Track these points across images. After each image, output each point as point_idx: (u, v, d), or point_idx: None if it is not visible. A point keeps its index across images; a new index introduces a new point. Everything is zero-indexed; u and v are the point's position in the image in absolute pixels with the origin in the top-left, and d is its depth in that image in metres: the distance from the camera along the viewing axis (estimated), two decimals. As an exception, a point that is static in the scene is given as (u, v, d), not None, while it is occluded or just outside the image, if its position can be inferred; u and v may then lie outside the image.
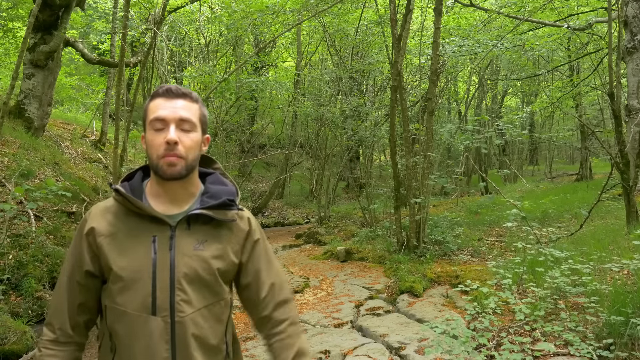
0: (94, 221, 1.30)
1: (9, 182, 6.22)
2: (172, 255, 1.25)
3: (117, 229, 1.28)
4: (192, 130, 1.28)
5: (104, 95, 12.50)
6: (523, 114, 11.47)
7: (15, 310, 4.48)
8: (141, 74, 9.58)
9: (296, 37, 14.90)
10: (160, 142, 1.24)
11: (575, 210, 8.00)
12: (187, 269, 1.25)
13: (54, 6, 8.04)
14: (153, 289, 1.23)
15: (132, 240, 1.26)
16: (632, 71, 6.94)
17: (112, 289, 1.25)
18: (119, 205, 1.31)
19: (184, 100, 1.29)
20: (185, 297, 1.24)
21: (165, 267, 1.24)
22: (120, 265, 1.24)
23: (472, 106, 18.31)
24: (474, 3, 9.19)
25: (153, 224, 1.27)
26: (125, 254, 1.25)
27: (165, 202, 1.31)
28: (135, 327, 1.22)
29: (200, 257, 1.27)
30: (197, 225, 1.30)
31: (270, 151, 17.43)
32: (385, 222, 8.97)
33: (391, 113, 7.24)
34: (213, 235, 1.31)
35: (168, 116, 1.25)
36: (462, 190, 15.01)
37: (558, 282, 3.87)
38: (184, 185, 1.31)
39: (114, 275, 1.24)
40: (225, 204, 1.32)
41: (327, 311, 5.04)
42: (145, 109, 1.31)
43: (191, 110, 1.29)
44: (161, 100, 1.28)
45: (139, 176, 1.37)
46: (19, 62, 5.90)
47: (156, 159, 1.25)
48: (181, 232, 1.28)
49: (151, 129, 1.27)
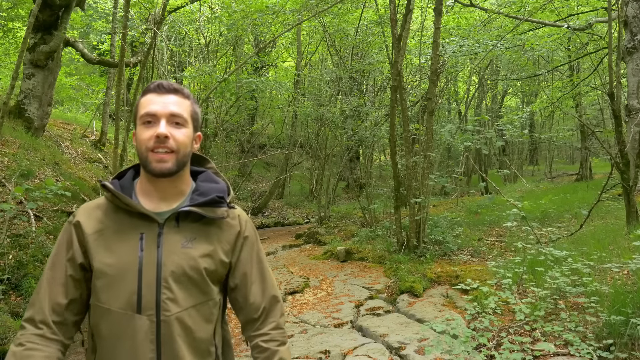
0: (82, 217, 1.28)
1: (9, 182, 6.22)
2: (160, 252, 1.23)
3: (104, 226, 1.26)
4: (183, 126, 1.27)
5: (104, 95, 12.50)
6: (523, 114, 11.47)
7: (15, 310, 4.47)
8: (141, 74, 9.58)
9: (296, 37, 14.91)
10: (150, 136, 1.23)
11: (575, 210, 8.00)
12: (174, 266, 1.23)
13: (54, 6, 8.04)
14: (139, 286, 1.20)
15: (119, 237, 1.24)
16: (632, 71, 6.94)
17: (96, 286, 1.23)
18: (109, 202, 1.30)
19: (176, 96, 1.28)
20: (171, 295, 1.21)
21: (152, 264, 1.22)
22: (106, 262, 1.22)
23: (472, 106, 18.31)
24: (474, 3, 9.18)
25: (141, 221, 1.25)
26: (112, 250, 1.23)
27: (154, 200, 1.29)
28: (119, 326, 1.19)
29: (188, 255, 1.25)
30: (186, 222, 1.28)
31: (270, 151, 17.44)
32: (385, 222, 8.98)
33: (391, 113, 7.24)
34: (202, 233, 1.29)
35: (159, 111, 1.24)
36: (462, 190, 15.01)
37: (558, 282, 3.87)
38: (173, 182, 1.30)
39: (99, 272, 1.22)
40: (214, 201, 1.29)
41: (327, 311, 5.04)
42: (137, 104, 1.30)
43: (182, 106, 1.28)
44: (152, 95, 1.27)
45: (130, 174, 1.35)
46: (19, 62, 5.90)
47: (145, 152, 1.23)
48: (169, 230, 1.26)
49: (141, 123, 1.25)
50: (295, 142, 16.27)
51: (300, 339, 4.18)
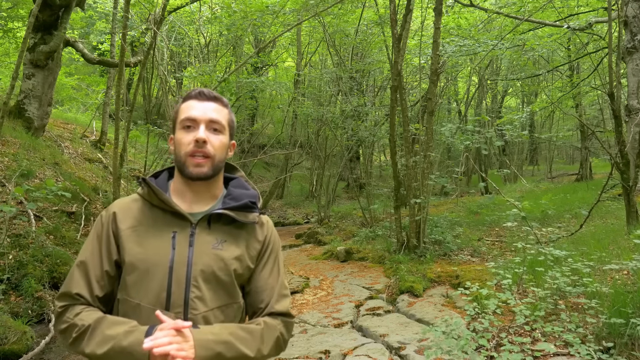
0: (118, 210, 1.32)
1: (9, 182, 6.22)
2: (191, 252, 1.26)
3: (139, 222, 1.29)
4: (221, 132, 1.32)
5: (104, 95, 12.49)
6: (523, 114, 11.46)
7: (15, 310, 4.47)
8: (141, 74, 9.58)
9: (296, 37, 14.89)
10: (190, 140, 1.27)
11: (575, 210, 8.00)
12: (204, 266, 1.26)
13: (54, 6, 8.03)
14: (169, 284, 1.23)
15: (152, 233, 1.28)
16: (632, 71, 6.93)
17: (127, 281, 1.25)
18: (143, 200, 1.33)
19: (215, 104, 1.33)
20: (199, 294, 1.24)
21: (182, 263, 1.25)
22: (138, 257, 1.25)
23: (472, 106, 18.31)
24: (474, 3, 9.18)
25: (175, 220, 1.29)
26: (144, 246, 1.26)
27: (188, 201, 1.33)
28: (147, 322, 1.21)
29: (218, 256, 1.28)
30: (218, 225, 1.32)
31: (270, 151, 17.44)
32: (385, 222, 8.98)
33: (391, 113, 7.24)
34: (232, 237, 1.32)
35: (199, 116, 1.29)
36: (462, 190, 15.01)
37: (558, 282, 3.86)
38: (208, 186, 1.34)
39: (131, 267, 1.25)
40: (247, 205, 1.34)
41: (327, 311, 5.04)
42: (177, 110, 1.34)
43: (221, 114, 1.33)
44: (193, 101, 1.32)
45: (165, 175, 1.40)
46: (19, 62, 5.90)
47: (184, 156, 1.27)
48: (201, 230, 1.29)
49: (181, 127, 1.30)
50: (295, 142, 16.26)
51: (300, 339, 4.18)
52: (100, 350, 1.15)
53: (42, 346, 4.05)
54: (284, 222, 14.00)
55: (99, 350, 1.16)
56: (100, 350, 1.15)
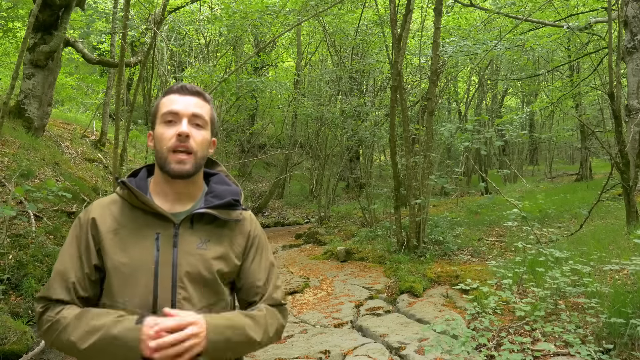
0: (96, 214, 1.28)
1: (9, 182, 6.22)
2: (175, 253, 1.24)
3: (120, 225, 1.26)
4: (203, 128, 1.29)
5: (104, 95, 12.49)
6: (523, 114, 11.46)
7: (15, 310, 4.47)
8: (141, 74, 9.58)
9: (296, 37, 14.90)
10: (172, 134, 1.24)
11: (575, 210, 8.00)
12: (189, 267, 1.24)
13: (54, 6, 8.03)
14: (155, 286, 1.21)
15: (135, 236, 1.25)
16: (632, 71, 6.94)
17: (112, 286, 1.23)
18: (123, 200, 1.30)
19: (198, 98, 1.30)
20: (186, 295, 1.23)
21: (167, 264, 1.23)
22: (122, 261, 1.22)
23: (472, 106, 18.30)
24: (474, 3, 9.18)
25: (157, 221, 1.26)
26: (127, 250, 1.23)
27: (169, 200, 1.30)
28: None
29: (203, 256, 1.26)
30: (201, 224, 1.29)
31: (270, 151, 17.44)
32: (385, 222, 8.98)
33: (391, 113, 7.24)
34: (215, 235, 1.31)
35: (181, 110, 1.26)
36: (462, 190, 15.01)
37: (558, 282, 3.87)
38: (188, 184, 1.31)
39: (115, 271, 1.22)
40: (230, 203, 1.31)
41: (327, 311, 5.04)
42: (157, 104, 1.30)
43: (204, 109, 1.30)
44: (175, 95, 1.28)
45: (144, 173, 1.36)
46: (19, 62, 5.89)
47: (166, 152, 1.24)
48: (185, 231, 1.27)
49: (162, 122, 1.26)
50: (295, 142, 16.27)
51: (300, 339, 4.18)
52: (87, 342, 1.13)
53: (42, 346, 4.04)
54: (284, 222, 14.00)
55: (86, 342, 1.13)
56: (87, 342, 1.13)
